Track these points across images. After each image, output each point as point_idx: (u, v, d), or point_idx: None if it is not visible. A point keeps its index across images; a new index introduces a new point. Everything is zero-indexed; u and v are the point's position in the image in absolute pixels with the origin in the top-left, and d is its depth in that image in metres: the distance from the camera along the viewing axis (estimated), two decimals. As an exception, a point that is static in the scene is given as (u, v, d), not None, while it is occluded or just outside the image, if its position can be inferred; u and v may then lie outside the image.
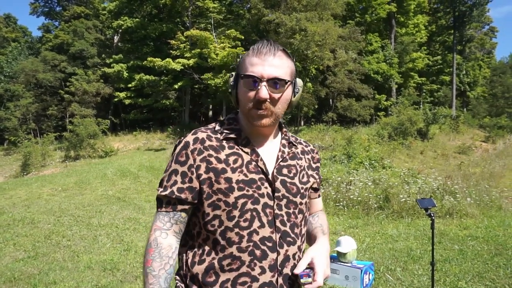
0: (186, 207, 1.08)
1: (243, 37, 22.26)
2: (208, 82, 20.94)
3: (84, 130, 20.35)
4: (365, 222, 6.22)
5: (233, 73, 1.15)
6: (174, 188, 1.07)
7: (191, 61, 21.63)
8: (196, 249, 1.09)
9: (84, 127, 20.46)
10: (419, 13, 29.93)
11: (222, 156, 1.08)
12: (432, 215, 2.74)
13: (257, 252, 1.02)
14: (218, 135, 1.12)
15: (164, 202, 1.09)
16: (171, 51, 22.41)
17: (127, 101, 25.48)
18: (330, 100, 25.09)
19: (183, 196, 1.07)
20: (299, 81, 1.14)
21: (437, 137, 20.86)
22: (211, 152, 1.08)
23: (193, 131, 1.15)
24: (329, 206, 7.08)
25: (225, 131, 1.13)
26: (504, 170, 14.25)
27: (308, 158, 1.24)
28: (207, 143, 1.10)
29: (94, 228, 6.28)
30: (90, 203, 8.71)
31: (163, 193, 1.09)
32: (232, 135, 1.11)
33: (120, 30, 27.33)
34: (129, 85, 24.46)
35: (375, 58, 25.86)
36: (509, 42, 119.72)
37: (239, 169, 1.06)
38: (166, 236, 1.06)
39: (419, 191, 7.14)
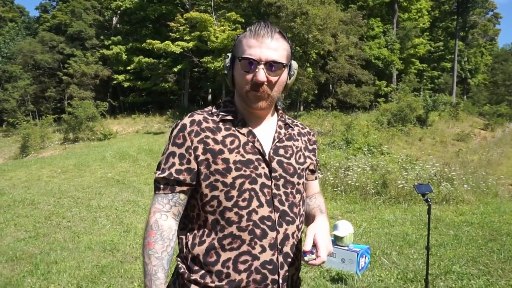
0: (185, 188, 1.09)
1: (243, 20, 21.95)
2: (208, 65, 20.76)
3: (83, 112, 20.27)
4: (362, 207, 6.29)
5: (229, 54, 1.13)
6: (172, 170, 1.08)
7: (191, 44, 21.39)
8: (195, 231, 1.09)
9: (83, 110, 20.38)
10: (423, -2, 29.48)
11: (219, 137, 1.09)
12: (429, 200, 2.77)
13: (257, 231, 1.04)
14: (215, 117, 1.12)
15: (163, 184, 1.09)
16: (170, 34, 22.15)
17: (126, 84, 25.29)
18: (330, 86, 24.96)
19: (181, 177, 1.07)
20: (294, 64, 1.14)
21: (436, 124, 20.87)
22: (208, 133, 1.09)
23: (189, 113, 1.14)
24: (327, 191, 7.13)
25: (221, 113, 1.13)
26: (502, 157, 14.33)
27: (304, 140, 1.24)
28: (204, 125, 1.10)
29: (94, 209, 6.33)
30: (89, 185, 8.76)
31: (162, 175, 1.09)
32: (229, 117, 1.12)
33: (119, 11, 26.91)
34: (128, 68, 24.24)
35: (377, 43, 25.59)
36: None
37: (236, 150, 1.07)
38: (166, 218, 1.07)
39: (416, 177, 7.19)
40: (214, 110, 1.15)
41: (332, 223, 4.00)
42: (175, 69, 22.93)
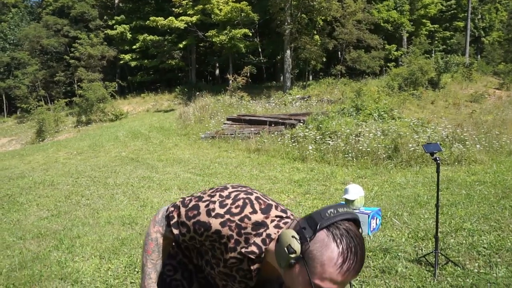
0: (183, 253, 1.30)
1: (246, -10, 21.38)
2: (213, 39, 20.46)
3: (93, 94, 20.45)
4: (374, 172, 6.32)
5: (293, 248, 0.92)
6: (181, 238, 1.15)
7: (194, 18, 21.03)
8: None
9: (93, 92, 20.54)
10: (433, -46, 28.05)
11: (228, 256, 1.09)
12: (437, 159, 2.78)
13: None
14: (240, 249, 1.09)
15: (173, 228, 1.16)
16: (173, 9, 21.75)
17: (132, 63, 25.21)
18: (339, 53, 24.42)
19: (187, 244, 1.22)
20: None
21: (449, 86, 20.37)
22: (218, 244, 1.10)
23: (221, 221, 1.07)
24: (338, 158, 7.16)
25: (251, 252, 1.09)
26: (517, 116, 14.01)
27: None
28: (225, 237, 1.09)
29: (111, 187, 6.52)
30: (105, 165, 8.96)
31: (175, 230, 1.14)
32: (257, 265, 1.10)
33: (120, -11, 26.47)
34: (134, 47, 24.08)
35: (385, 5, 24.70)
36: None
37: (233, 267, 1.12)
38: (164, 240, 1.22)
39: (428, 140, 7.14)
40: (244, 235, 1.09)
41: (343, 188, 4.05)
42: (181, 45, 22.68)
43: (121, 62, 25.40)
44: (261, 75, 26.88)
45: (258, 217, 1.05)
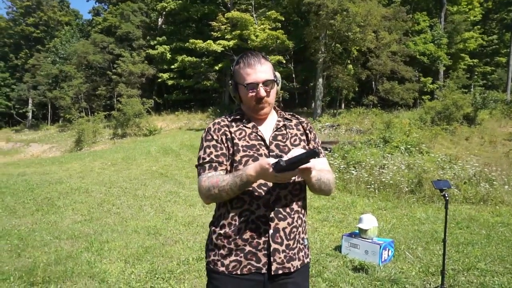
0: (224, 168, 1.48)
1: (283, 19, 22.12)
2: (248, 64, 21.13)
3: (131, 109, 21.53)
4: (395, 205, 6.33)
5: (231, 81, 1.55)
6: (212, 156, 1.49)
7: (231, 43, 21.91)
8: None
9: (130, 107, 21.64)
10: (474, -11, 27.91)
11: (232, 130, 1.52)
12: (446, 196, 2.89)
13: (255, 194, 1.43)
14: (228, 119, 1.56)
15: (207, 168, 1.48)
16: (212, 33, 22.80)
17: (169, 82, 26.42)
18: (372, 83, 24.45)
19: (220, 159, 1.48)
20: (278, 75, 1.55)
21: (486, 123, 19.77)
22: (225, 128, 1.53)
23: (212, 122, 1.58)
24: (360, 189, 7.22)
25: (232, 116, 1.57)
26: (557, 159, 13.40)
27: (300, 128, 1.62)
28: (222, 123, 1.54)
29: (140, 199, 6.91)
30: (136, 177, 9.45)
31: (206, 160, 1.48)
32: (238, 117, 1.56)
33: (164, 12, 28.10)
34: (172, 66, 25.30)
35: (422, 38, 24.63)
36: None
37: (243, 138, 1.50)
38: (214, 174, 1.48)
39: (454, 177, 7.08)
40: (227, 116, 1.59)
41: (359, 218, 4.17)
42: (217, 68, 23.58)
43: (159, 80, 26.69)
44: (293, 101, 27.29)
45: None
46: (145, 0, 30.44)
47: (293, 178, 1.44)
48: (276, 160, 1.28)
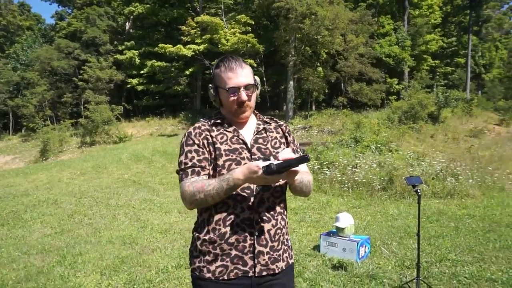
0: (206, 172, 1.46)
1: (253, 22, 22.24)
2: (219, 68, 21.08)
3: (99, 116, 20.91)
4: (368, 202, 6.50)
5: (211, 85, 1.56)
6: (195, 160, 1.47)
7: (202, 47, 21.79)
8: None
9: (99, 114, 21.02)
10: (434, -7, 29.22)
11: (213, 134, 1.51)
12: (418, 191, 3.01)
13: (239, 197, 1.43)
14: (209, 123, 1.55)
15: (190, 173, 1.45)
16: (182, 37, 22.59)
17: (139, 88, 25.88)
18: (341, 85, 25.02)
19: (203, 164, 1.46)
20: (257, 78, 1.57)
21: (449, 120, 20.72)
22: (206, 132, 1.51)
23: (191, 126, 1.56)
24: (334, 188, 7.36)
25: (213, 120, 1.56)
26: (514, 153, 14.21)
27: (279, 131, 1.64)
28: (202, 128, 1.53)
29: (113, 208, 6.72)
30: (107, 186, 9.18)
31: (188, 164, 1.46)
32: (218, 121, 1.55)
33: (132, 17, 27.55)
34: (141, 72, 24.81)
35: (387, 41, 25.51)
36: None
37: (225, 142, 1.50)
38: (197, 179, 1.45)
39: (422, 173, 7.35)
40: (207, 120, 1.57)
41: (335, 216, 4.25)
42: (187, 72, 23.37)
43: (128, 86, 26.10)
44: (264, 104, 27.43)
45: None
46: (112, 4, 29.72)
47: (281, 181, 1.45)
48: (267, 163, 1.28)
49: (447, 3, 31.76)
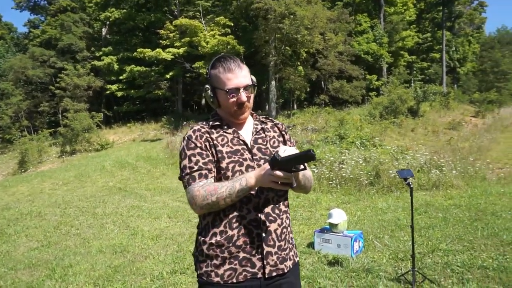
0: (213, 175, 1.44)
1: (232, 24, 22.22)
2: (200, 70, 21.00)
3: (79, 124, 20.43)
4: (357, 197, 6.58)
5: (207, 86, 1.52)
6: (200, 164, 1.43)
7: (181, 50, 21.61)
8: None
9: (78, 122, 20.54)
10: (407, -10, 29.90)
11: (214, 137, 1.49)
12: (410, 184, 3.06)
13: (244, 199, 1.41)
14: (208, 125, 1.52)
15: (197, 176, 1.42)
16: (160, 41, 22.33)
17: (119, 93, 25.43)
18: (322, 83, 25.28)
19: (209, 167, 1.44)
20: (254, 78, 1.54)
21: (428, 114, 21.24)
22: (207, 135, 1.49)
23: (190, 129, 1.53)
24: (322, 185, 7.42)
25: (211, 122, 1.53)
26: (492, 143, 14.70)
27: (275, 130, 1.65)
28: (202, 130, 1.50)
29: (100, 217, 6.57)
30: (92, 195, 8.98)
31: (194, 168, 1.42)
32: (217, 123, 1.53)
33: (108, 22, 27.05)
34: (120, 77, 24.38)
35: (365, 38, 25.93)
36: (499, 16, 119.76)
37: (226, 144, 1.48)
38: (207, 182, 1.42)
39: (407, 166, 7.49)
40: (206, 122, 1.54)
41: (327, 213, 4.28)
42: (168, 76, 23.11)
43: (107, 92, 25.62)
44: (247, 105, 27.42)
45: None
46: (87, 10, 29.12)
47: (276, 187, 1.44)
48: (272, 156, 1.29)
49: (421, 0, 32.55)
